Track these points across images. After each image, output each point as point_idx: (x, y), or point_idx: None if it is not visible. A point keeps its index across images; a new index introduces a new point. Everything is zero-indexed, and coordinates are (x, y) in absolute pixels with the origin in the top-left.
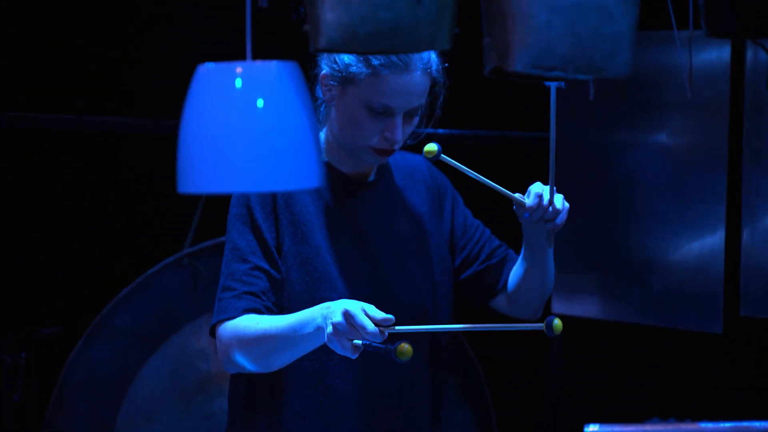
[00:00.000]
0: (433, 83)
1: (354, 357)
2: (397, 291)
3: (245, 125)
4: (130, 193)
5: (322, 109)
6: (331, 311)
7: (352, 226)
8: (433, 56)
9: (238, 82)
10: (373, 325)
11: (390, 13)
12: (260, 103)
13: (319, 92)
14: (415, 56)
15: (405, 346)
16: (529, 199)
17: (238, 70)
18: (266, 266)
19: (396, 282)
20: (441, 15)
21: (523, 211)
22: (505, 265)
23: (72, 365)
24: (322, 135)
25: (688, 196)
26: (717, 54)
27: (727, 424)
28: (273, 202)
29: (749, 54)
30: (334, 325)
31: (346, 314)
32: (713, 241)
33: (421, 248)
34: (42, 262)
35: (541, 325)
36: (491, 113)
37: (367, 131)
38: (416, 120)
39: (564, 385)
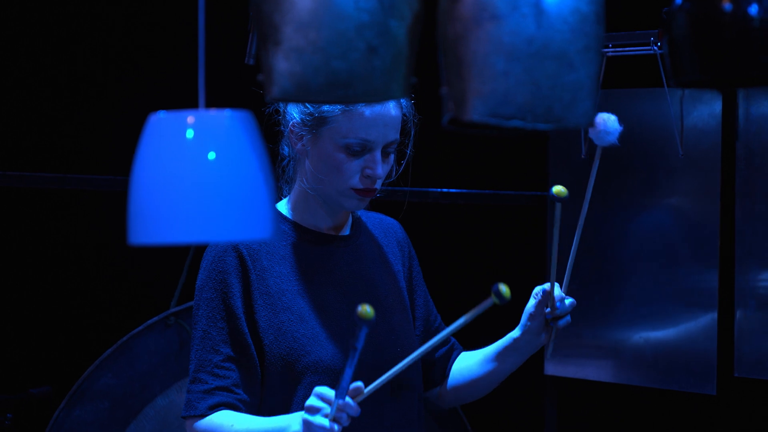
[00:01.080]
0: (405, 120)
1: None
2: (387, 348)
3: (195, 175)
4: (116, 251)
5: (290, 166)
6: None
7: (334, 285)
8: None
9: (189, 132)
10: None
11: (343, 63)
12: (211, 151)
13: (286, 149)
14: None
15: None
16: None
17: (190, 119)
18: (238, 356)
19: (385, 338)
20: (396, 64)
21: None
22: (450, 358)
23: (55, 427)
24: (295, 194)
25: (681, 256)
26: (708, 110)
27: None
28: (245, 279)
29: (741, 109)
30: (307, 407)
31: (317, 395)
32: (707, 301)
33: (401, 302)
34: (30, 321)
35: (490, 300)
36: (484, 172)
37: (346, 172)
38: (392, 158)
39: None
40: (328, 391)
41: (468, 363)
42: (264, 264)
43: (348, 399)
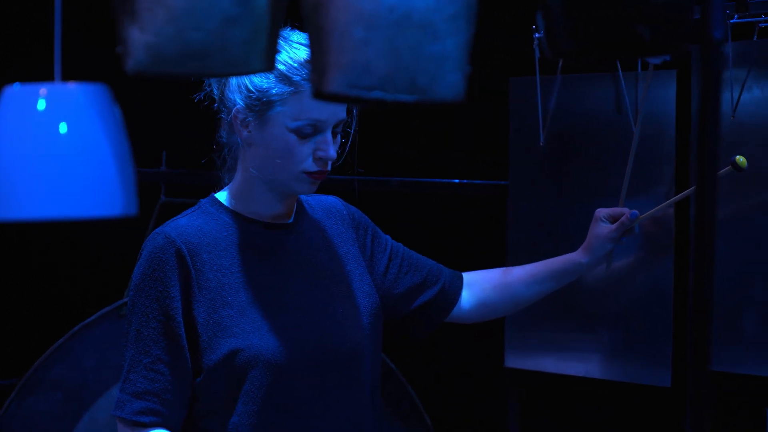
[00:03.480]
0: None
1: None
2: (331, 337)
3: (47, 149)
4: (69, 240)
5: (230, 154)
6: None
7: (277, 275)
8: None
9: (41, 103)
10: None
11: (198, 34)
12: (62, 123)
13: (224, 137)
14: None
15: None
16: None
17: (42, 91)
18: (170, 358)
19: (329, 327)
20: (256, 35)
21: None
22: (457, 279)
23: (6, 418)
24: (236, 183)
25: (636, 248)
26: (663, 93)
27: None
28: (184, 276)
29: (695, 91)
30: None
31: None
32: (661, 295)
33: (349, 289)
34: None
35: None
36: (443, 161)
37: (298, 155)
38: (338, 139)
39: None
40: None
41: (503, 281)
42: (204, 258)
43: None
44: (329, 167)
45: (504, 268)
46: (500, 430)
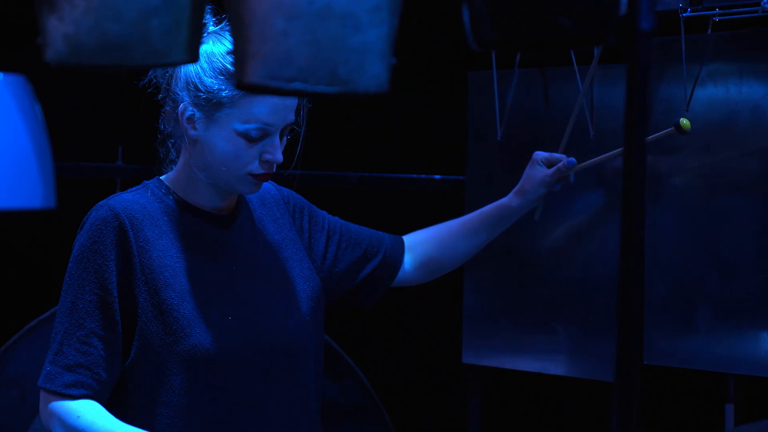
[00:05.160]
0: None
1: None
2: (269, 328)
3: None
4: (24, 236)
5: (173, 146)
6: None
7: (216, 267)
8: None
9: None
10: None
11: (117, 25)
12: None
13: (167, 127)
14: None
15: None
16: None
17: None
18: (104, 332)
19: (265, 322)
20: (177, 26)
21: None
22: (399, 244)
23: None
24: (180, 171)
25: (594, 244)
26: (619, 89)
27: None
28: (124, 251)
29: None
30: None
31: None
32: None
33: (288, 276)
34: None
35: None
36: (401, 156)
37: (244, 158)
38: (285, 141)
39: None
40: None
41: (442, 236)
42: (147, 235)
43: None
44: (275, 169)
45: (440, 224)
46: (460, 426)
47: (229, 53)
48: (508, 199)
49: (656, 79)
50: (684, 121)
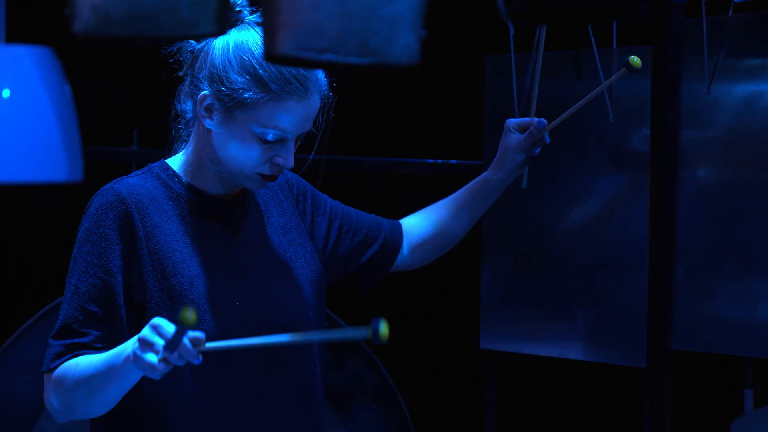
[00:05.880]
0: (322, 106)
1: (158, 370)
2: (271, 316)
3: None
4: (36, 221)
5: (187, 126)
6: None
7: (222, 251)
8: (320, 75)
9: None
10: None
11: None
12: (5, 87)
13: (184, 107)
14: (312, 79)
15: (188, 314)
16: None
17: None
18: (107, 316)
19: (270, 307)
20: None
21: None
22: (397, 229)
23: None
24: (188, 155)
25: (614, 228)
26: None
27: None
28: (130, 235)
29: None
30: (140, 338)
31: (153, 326)
32: (639, 273)
33: (291, 260)
34: None
35: (365, 333)
36: (419, 141)
37: (257, 159)
38: (299, 143)
39: (495, 421)
40: (167, 326)
41: (433, 217)
42: (155, 220)
43: (186, 342)
44: (285, 171)
45: (428, 207)
46: (477, 412)
47: (258, 25)
48: (489, 173)
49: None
50: (634, 59)
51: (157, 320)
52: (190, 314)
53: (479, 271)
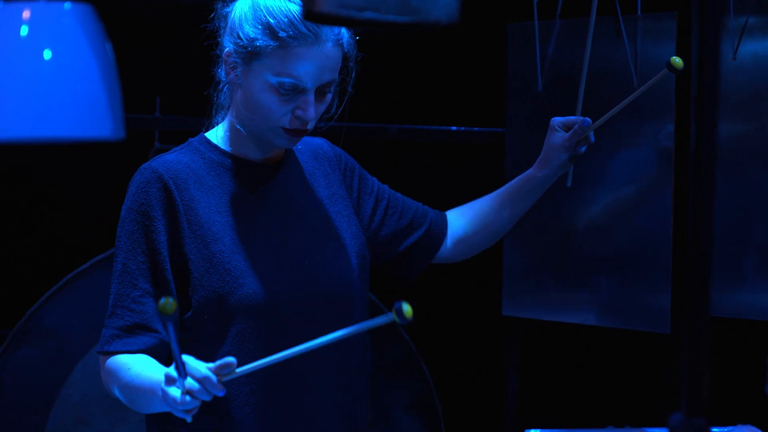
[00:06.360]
0: (345, 58)
1: (181, 404)
2: (321, 276)
3: (32, 68)
4: (61, 188)
5: (224, 91)
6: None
7: (264, 216)
8: (343, 29)
9: (25, 24)
10: (205, 369)
11: None
12: (47, 44)
13: (223, 74)
14: (326, 28)
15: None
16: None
17: (26, 10)
18: (157, 291)
19: (315, 270)
20: None
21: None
22: (442, 219)
23: None
24: (225, 123)
25: (636, 194)
26: (664, 37)
27: None
28: (170, 210)
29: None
30: (165, 374)
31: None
32: (662, 240)
33: (337, 230)
34: None
35: (390, 316)
36: (441, 108)
37: (277, 111)
38: (329, 97)
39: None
40: (192, 361)
41: (477, 212)
42: (193, 193)
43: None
44: (311, 126)
45: (472, 202)
46: (498, 379)
47: (298, 19)
48: (534, 170)
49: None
50: (676, 59)
51: (186, 358)
52: (168, 305)
53: (502, 238)
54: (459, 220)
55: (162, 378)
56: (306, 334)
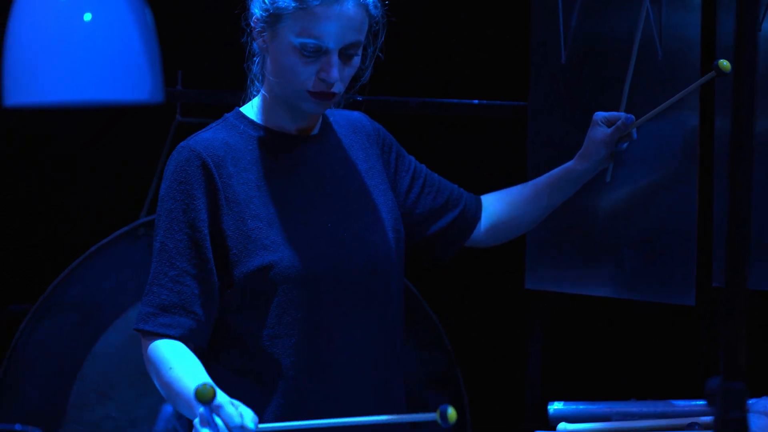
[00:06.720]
0: (372, 21)
1: None
2: (360, 248)
3: (72, 33)
4: (84, 161)
5: (257, 62)
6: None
7: (303, 187)
8: None
9: None
10: (239, 417)
11: None
12: (87, 7)
13: (256, 47)
14: None
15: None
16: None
17: None
18: (196, 270)
19: (353, 243)
20: None
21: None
22: (478, 202)
23: (22, 341)
24: (259, 96)
25: (660, 167)
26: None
27: (700, 402)
28: (210, 188)
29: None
30: (200, 413)
31: (217, 405)
32: (686, 212)
33: (374, 203)
34: None
35: (434, 415)
36: (463, 81)
37: (302, 74)
38: (356, 61)
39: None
40: (228, 407)
41: (512, 199)
42: (230, 170)
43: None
44: (337, 89)
45: (508, 189)
46: (521, 352)
47: None
48: (574, 163)
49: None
50: (723, 62)
51: (222, 400)
52: (206, 390)
53: None
54: (494, 205)
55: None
56: (345, 306)
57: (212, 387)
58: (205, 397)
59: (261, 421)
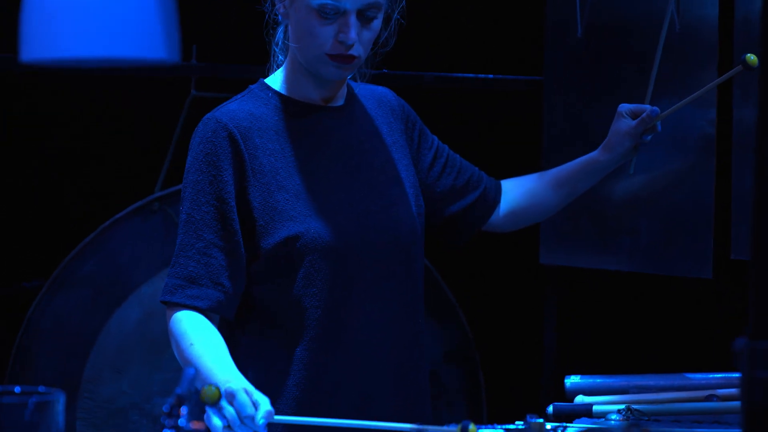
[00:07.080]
0: None
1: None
2: (379, 224)
3: None
4: (99, 135)
5: (278, 32)
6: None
7: (328, 158)
8: None
9: None
10: (252, 407)
11: None
12: None
13: (278, 16)
14: None
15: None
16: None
17: None
18: (223, 242)
19: (378, 214)
20: None
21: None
22: (497, 186)
23: (36, 316)
24: (283, 66)
25: (677, 140)
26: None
27: (717, 375)
28: (237, 159)
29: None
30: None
31: (230, 393)
32: (703, 184)
33: (398, 176)
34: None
35: (454, 428)
36: (478, 55)
37: (319, 37)
38: (375, 24)
39: (555, 335)
40: (241, 395)
41: (532, 186)
42: (256, 142)
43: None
44: (357, 53)
45: (529, 175)
46: (537, 327)
47: None
48: (597, 154)
49: None
50: (751, 57)
51: (236, 387)
52: (211, 391)
53: None
54: (514, 190)
55: (220, 374)
56: (369, 278)
57: (217, 388)
58: (210, 399)
59: (282, 392)
